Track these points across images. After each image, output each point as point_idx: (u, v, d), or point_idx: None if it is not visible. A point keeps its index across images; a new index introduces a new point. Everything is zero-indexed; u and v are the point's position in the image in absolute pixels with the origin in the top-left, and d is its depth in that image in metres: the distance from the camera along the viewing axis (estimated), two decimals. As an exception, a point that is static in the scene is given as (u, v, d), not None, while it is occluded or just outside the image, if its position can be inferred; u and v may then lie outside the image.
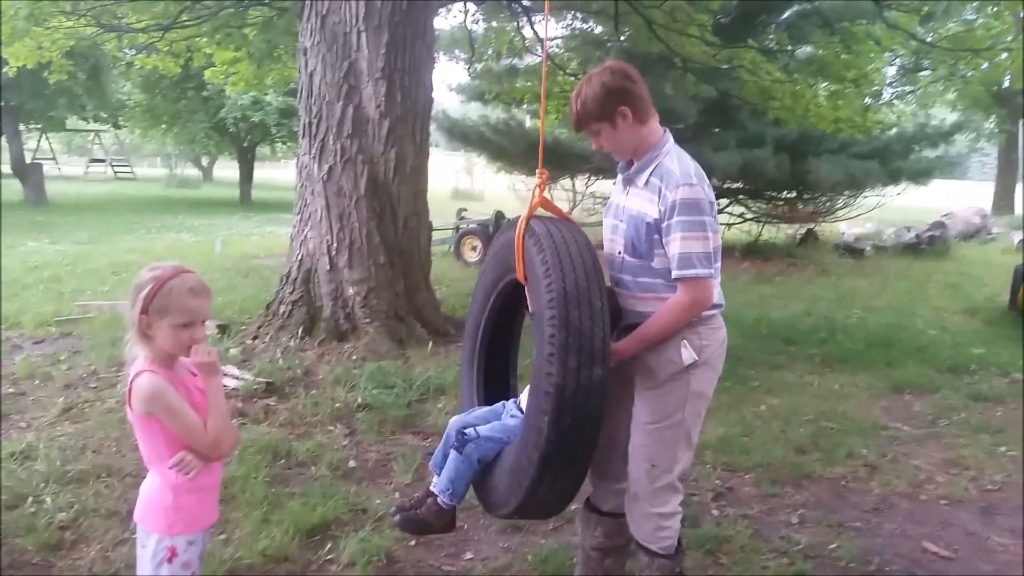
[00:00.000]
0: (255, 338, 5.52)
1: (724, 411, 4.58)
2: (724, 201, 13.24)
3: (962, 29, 10.42)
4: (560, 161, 12.29)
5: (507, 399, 2.58)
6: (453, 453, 2.34)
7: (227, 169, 34.33)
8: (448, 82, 14.70)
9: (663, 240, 2.15)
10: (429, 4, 5.83)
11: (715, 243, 2.17)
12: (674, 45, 8.35)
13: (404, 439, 4.10)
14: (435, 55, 8.72)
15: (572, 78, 10.27)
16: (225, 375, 4.34)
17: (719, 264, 2.23)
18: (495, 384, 2.77)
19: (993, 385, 5.49)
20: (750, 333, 6.57)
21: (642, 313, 2.23)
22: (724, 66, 8.92)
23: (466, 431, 2.37)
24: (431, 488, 2.41)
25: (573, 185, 14.66)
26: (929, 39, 10.68)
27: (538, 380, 2.01)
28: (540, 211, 2.31)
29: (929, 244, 12.87)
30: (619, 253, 2.30)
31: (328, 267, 5.51)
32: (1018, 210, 21.54)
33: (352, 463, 3.75)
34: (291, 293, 5.62)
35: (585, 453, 2.06)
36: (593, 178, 13.82)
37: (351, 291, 5.46)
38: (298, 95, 5.83)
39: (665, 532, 2.29)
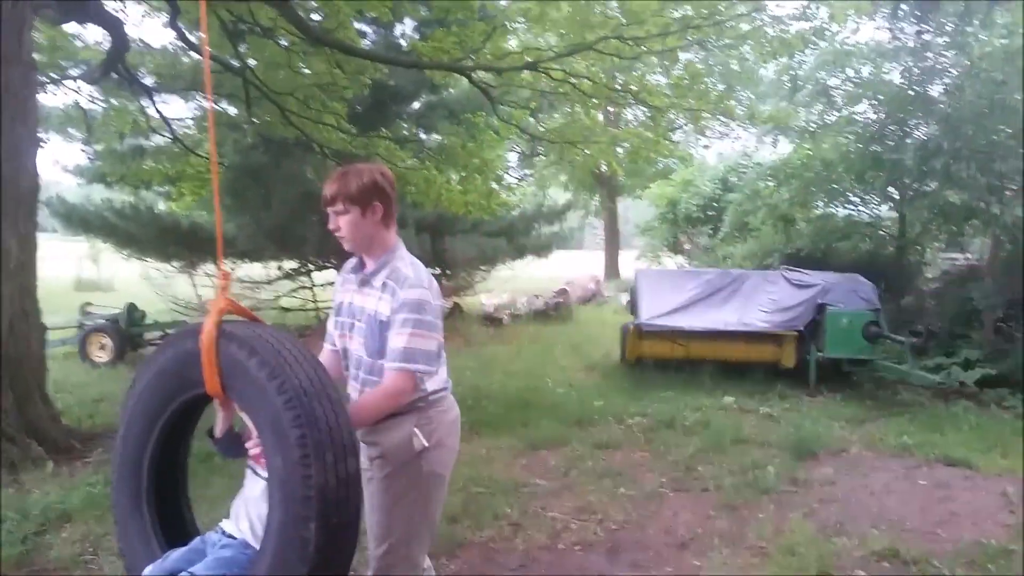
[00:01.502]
0: None
1: (380, 492, 4.62)
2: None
3: (564, 122, 12.02)
4: (200, 245, 11.69)
5: (189, 535, 2.37)
6: None
7: None
8: (63, 163, 13.28)
9: (390, 334, 2.28)
10: (30, 83, 5.28)
11: (439, 340, 2.38)
12: (309, 131, 8.50)
13: (17, 582, 3.52)
14: (43, 135, 7.88)
15: (205, 158, 9.92)
16: None
17: (444, 356, 2.49)
18: (173, 523, 2.45)
19: (612, 433, 6.24)
20: (402, 409, 6.75)
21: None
22: (361, 152, 9.26)
23: None
24: None
25: (219, 267, 13.98)
26: (541, 129, 12.15)
27: (290, 489, 1.91)
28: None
29: (555, 310, 14.37)
30: (355, 351, 2.42)
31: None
32: (624, 274, 24.95)
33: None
34: None
35: (350, 550, 2.03)
36: (239, 262, 13.32)
37: (-61, 412, 4.61)
38: None
39: None
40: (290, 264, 13.12)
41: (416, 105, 12.73)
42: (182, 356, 2.18)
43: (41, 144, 6.70)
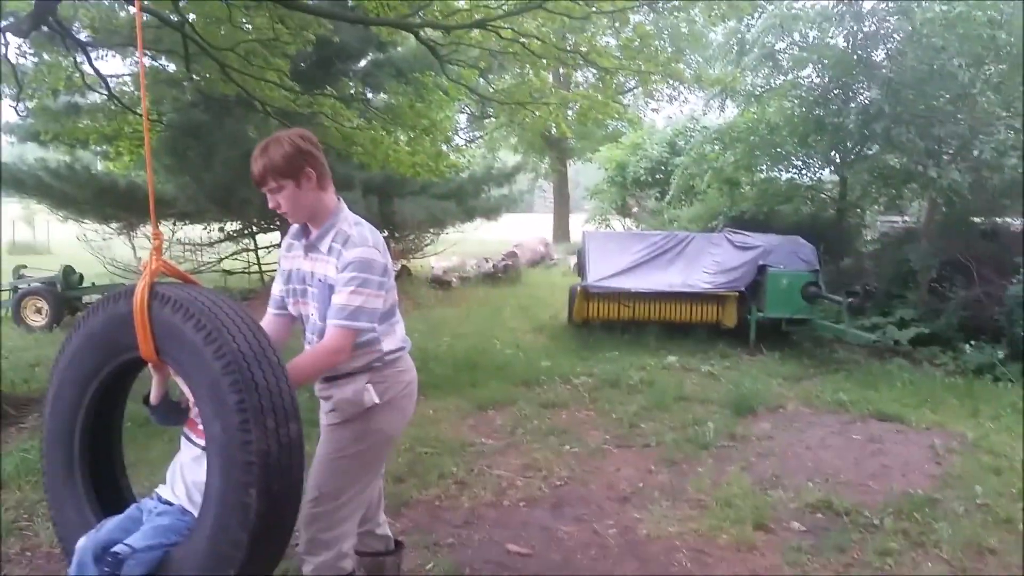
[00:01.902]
0: None
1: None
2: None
3: (514, 84, 11.92)
4: (139, 206, 11.38)
5: (125, 503, 2.31)
6: None
7: None
8: (-8, 121, 12.73)
9: (333, 293, 2.26)
10: (-48, 34, 5.03)
11: (392, 299, 2.44)
12: (251, 89, 8.28)
13: (-52, 546, 3.44)
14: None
15: (142, 117, 9.62)
16: None
17: (399, 315, 2.53)
18: (106, 490, 2.39)
19: (558, 392, 6.33)
20: (349, 371, 6.72)
21: (345, 369, 2.35)
22: (306, 111, 9.07)
23: (114, 549, 2.03)
24: None
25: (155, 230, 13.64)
26: (491, 90, 12.05)
27: (229, 454, 1.88)
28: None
29: (504, 272, 14.42)
30: (311, 316, 2.40)
31: None
32: (573, 237, 25.08)
33: None
34: None
35: (292, 515, 2.02)
36: (179, 224, 13.02)
37: None
38: None
39: (321, 559, 2.37)
40: (232, 226, 12.87)
41: (362, 63, 12.47)
42: (114, 319, 2.12)
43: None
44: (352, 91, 10.83)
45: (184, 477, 2.22)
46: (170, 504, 2.22)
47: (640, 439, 5.17)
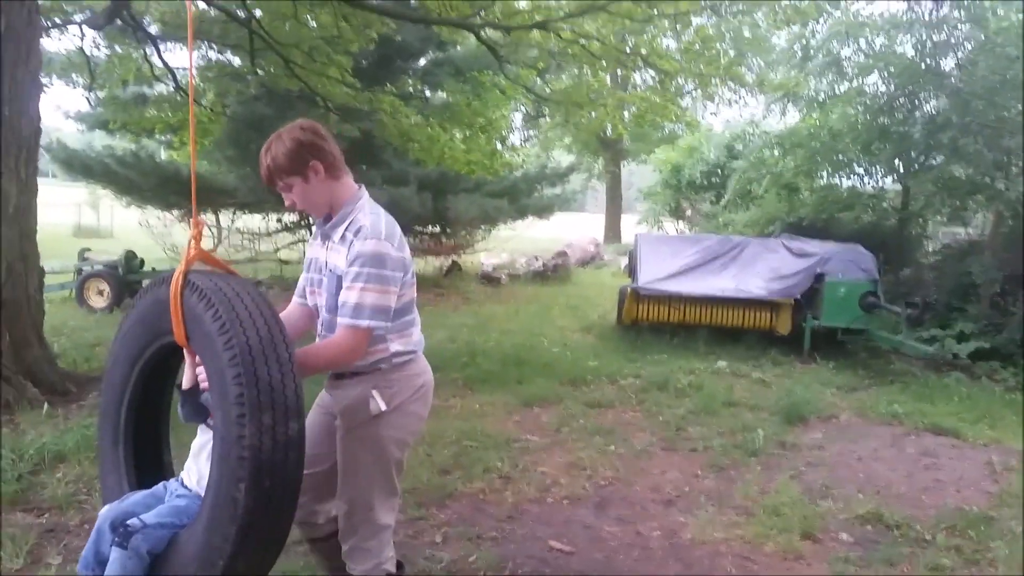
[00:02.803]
0: None
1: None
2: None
3: (571, 84, 11.93)
4: (202, 196, 11.68)
5: (164, 480, 2.35)
6: (116, 551, 2.04)
7: None
8: (65, 109, 13.24)
9: (343, 288, 2.18)
10: (33, 25, 5.24)
11: (408, 297, 2.34)
12: (313, 84, 8.44)
13: (13, 518, 3.56)
14: (45, 81, 7.84)
15: (207, 109, 9.88)
16: None
17: (415, 314, 2.42)
18: (147, 465, 2.46)
19: (605, 393, 6.31)
20: (399, 363, 6.80)
21: (354, 365, 2.27)
22: (366, 107, 9.22)
23: (128, 522, 2.08)
24: None
25: (217, 221, 14.01)
26: (548, 91, 12.08)
27: (226, 447, 1.87)
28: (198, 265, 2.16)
29: (554, 271, 14.42)
30: (321, 307, 2.34)
31: (-92, 324, 4.64)
32: (624, 238, 24.96)
33: (-57, 553, 3.19)
34: None
35: (287, 515, 1.97)
36: (239, 213, 13.34)
37: (-60, 350, 4.66)
38: None
39: (365, 567, 2.37)
40: (290, 217, 13.13)
41: (422, 62, 12.63)
42: (157, 303, 2.16)
43: (44, 89, 6.68)
44: (411, 89, 10.97)
45: (199, 465, 2.24)
46: (190, 489, 2.24)
47: (687, 443, 5.13)
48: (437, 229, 13.89)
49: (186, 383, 2.23)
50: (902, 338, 7.79)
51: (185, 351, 2.16)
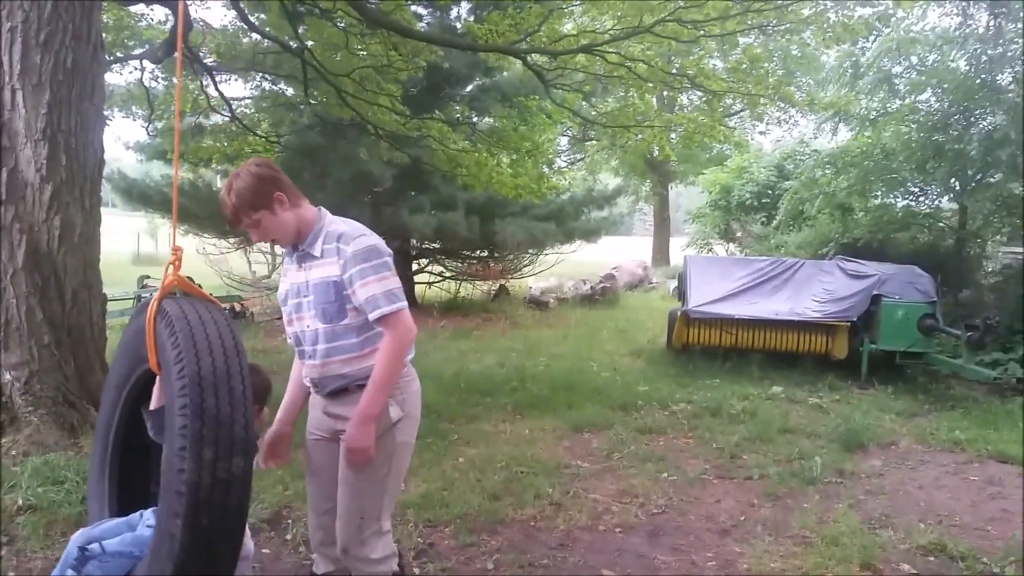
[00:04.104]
0: None
1: (427, 467, 4.71)
2: (423, 260, 13.79)
3: (617, 107, 11.96)
4: (255, 224, 11.95)
5: (147, 508, 2.34)
6: (71, 573, 2.06)
7: None
8: (125, 140, 13.71)
9: (350, 289, 2.28)
10: (98, 61, 5.45)
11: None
12: (364, 112, 8.60)
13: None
14: (108, 113, 8.13)
15: (262, 138, 10.12)
16: None
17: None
18: (132, 492, 2.43)
19: (656, 418, 6.24)
20: (449, 388, 6.83)
21: (346, 375, 2.36)
22: (415, 134, 9.36)
23: (89, 546, 2.09)
24: None
25: (271, 247, 14.27)
26: (594, 114, 12.10)
27: (169, 479, 1.80)
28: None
29: (602, 295, 14.34)
30: (308, 328, 2.39)
31: (-21, 351, 4.82)
32: (673, 261, 24.75)
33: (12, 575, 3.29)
34: (-70, 383, 4.83)
35: (228, 555, 1.89)
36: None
37: (8, 377, 4.81)
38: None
39: (377, 570, 2.44)
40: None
41: (469, 88, 12.78)
42: (139, 329, 2.14)
43: (107, 122, 6.92)
44: (459, 115, 11.09)
45: None
46: None
47: (742, 471, 5.04)
48: (485, 253, 13.97)
49: (153, 403, 2.22)
50: (963, 362, 7.55)
51: (158, 377, 2.14)
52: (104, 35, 6.42)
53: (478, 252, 13.89)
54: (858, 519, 4.17)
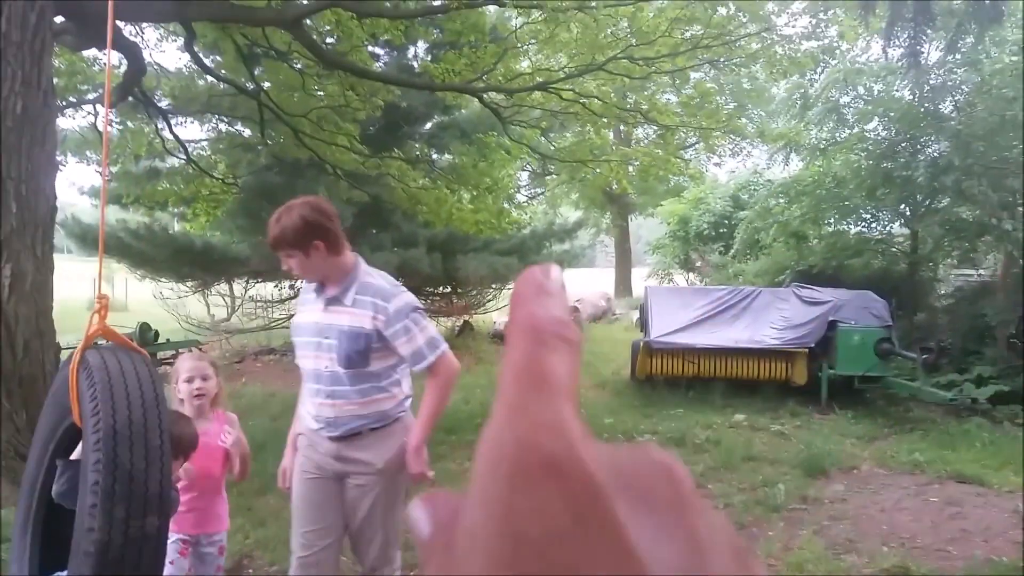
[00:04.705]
0: None
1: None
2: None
3: (575, 141, 12.13)
4: (214, 265, 11.81)
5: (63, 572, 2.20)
6: None
7: None
8: (79, 185, 13.52)
9: (392, 344, 2.45)
10: (49, 107, 5.39)
11: None
12: (322, 152, 8.62)
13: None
14: (61, 158, 8.03)
15: (219, 180, 10.06)
16: None
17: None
18: (55, 552, 2.24)
19: (621, 451, 6.24)
20: (413, 427, 6.76)
21: (363, 416, 2.51)
22: (374, 173, 9.39)
23: None
24: None
25: (231, 290, 14.13)
26: (552, 149, 12.27)
27: (78, 538, 1.69)
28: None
29: (566, 328, 14.35)
30: (326, 368, 2.50)
31: (-75, 404, 4.68)
32: (635, 292, 24.93)
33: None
34: None
35: None
36: (252, 282, 13.45)
37: (-43, 429, 4.68)
38: None
39: None
40: (302, 284, 13.21)
41: (428, 126, 12.85)
42: (64, 381, 2.01)
43: (59, 167, 6.83)
44: (418, 153, 11.17)
45: None
46: None
47: (707, 500, 5.04)
48: (448, 289, 13.94)
49: (74, 455, 2.11)
50: (919, 384, 7.70)
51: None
52: (56, 80, 6.37)
53: (441, 288, 13.86)
54: (823, 545, 4.20)
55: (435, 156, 11.85)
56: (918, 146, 9.98)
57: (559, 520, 0.21)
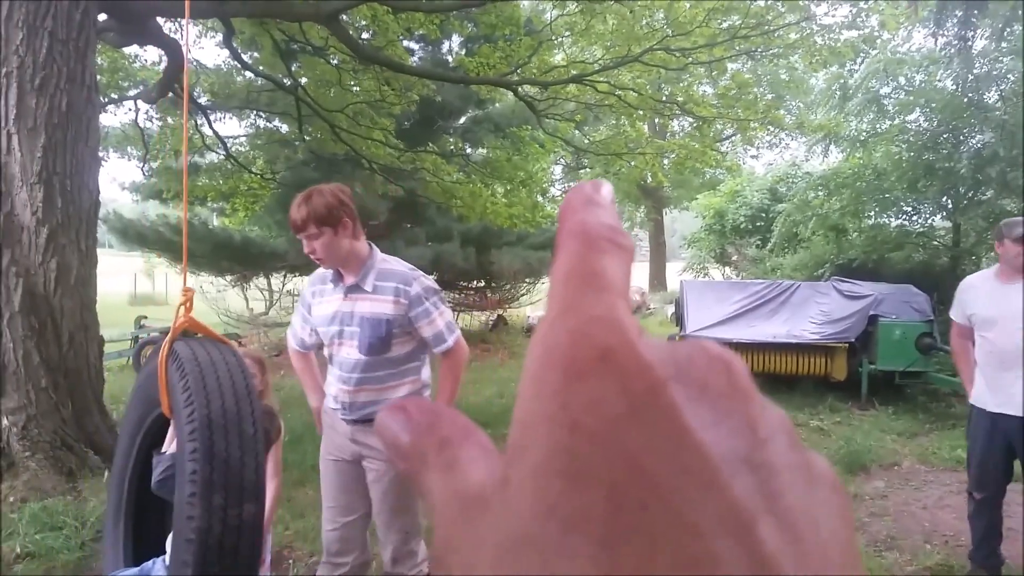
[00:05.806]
0: None
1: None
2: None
3: (609, 135, 12.06)
4: (252, 260, 11.97)
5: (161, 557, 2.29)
6: None
7: None
8: (120, 180, 13.78)
9: (414, 326, 2.52)
10: (93, 103, 5.50)
11: None
12: (358, 147, 8.68)
13: (77, 584, 3.64)
14: (103, 154, 8.18)
15: (257, 176, 10.19)
16: None
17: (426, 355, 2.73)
18: (148, 541, 2.35)
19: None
20: (448, 420, 6.79)
21: (379, 401, 2.55)
22: (409, 167, 9.44)
23: None
24: None
25: (269, 284, 14.31)
26: (586, 142, 12.22)
27: (179, 527, 1.73)
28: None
29: (600, 322, 14.29)
30: (348, 356, 2.55)
31: (-25, 395, 4.81)
32: (670, 286, 24.77)
33: (8, 623, 3.25)
34: (-74, 428, 4.81)
35: None
36: (289, 275, 13.61)
37: (5, 421, 4.80)
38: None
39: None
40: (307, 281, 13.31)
41: (462, 120, 12.88)
42: (150, 373, 2.08)
43: (102, 163, 6.97)
44: (452, 147, 11.19)
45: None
46: None
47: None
48: (482, 284, 13.99)
49: (166, 447, 2.17)
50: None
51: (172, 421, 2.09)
52: (98, 77, 6.49)
53: (475, 283, 13.91)
54: (863, 542, 4.14)
55: (469, 150, 11.87)
56: (961, 137, 9.76)
57: (615, 408, 0.21)
